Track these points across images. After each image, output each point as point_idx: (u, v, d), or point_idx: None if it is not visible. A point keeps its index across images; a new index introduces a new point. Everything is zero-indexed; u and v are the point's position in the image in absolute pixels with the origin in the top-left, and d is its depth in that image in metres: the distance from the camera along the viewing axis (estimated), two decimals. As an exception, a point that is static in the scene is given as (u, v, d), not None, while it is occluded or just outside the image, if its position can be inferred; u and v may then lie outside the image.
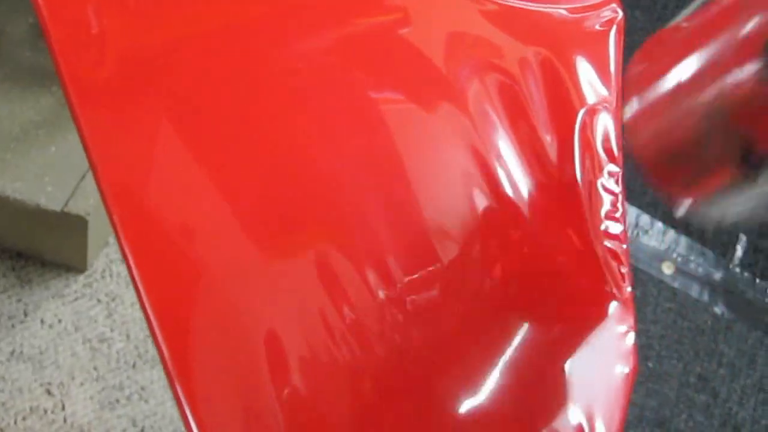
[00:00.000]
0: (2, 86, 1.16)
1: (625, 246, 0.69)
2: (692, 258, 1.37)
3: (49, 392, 1.14)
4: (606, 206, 0.70)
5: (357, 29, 0.67)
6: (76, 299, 1.19)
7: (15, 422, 1.12)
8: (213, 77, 0.61)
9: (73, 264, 1.20)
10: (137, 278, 0.54)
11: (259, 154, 0.61)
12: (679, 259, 1.37)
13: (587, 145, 0.69)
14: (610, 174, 0.70)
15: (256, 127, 0.61)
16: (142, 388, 1.15)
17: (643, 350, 1.30)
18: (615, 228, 0.69)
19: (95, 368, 1.15)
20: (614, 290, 0.68)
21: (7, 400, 1.12)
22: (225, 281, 0.58)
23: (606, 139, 0.70)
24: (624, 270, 0.68)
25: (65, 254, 1.19)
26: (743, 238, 1.40)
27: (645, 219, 1.37)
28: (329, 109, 0.64)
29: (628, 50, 0.69)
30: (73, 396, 1.14)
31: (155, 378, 1.16)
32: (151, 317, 0.54)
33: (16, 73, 1.18)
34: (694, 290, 1.36)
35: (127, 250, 0.54)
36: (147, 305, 0.54)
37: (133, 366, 1.16)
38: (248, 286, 0.59)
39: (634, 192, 1.37)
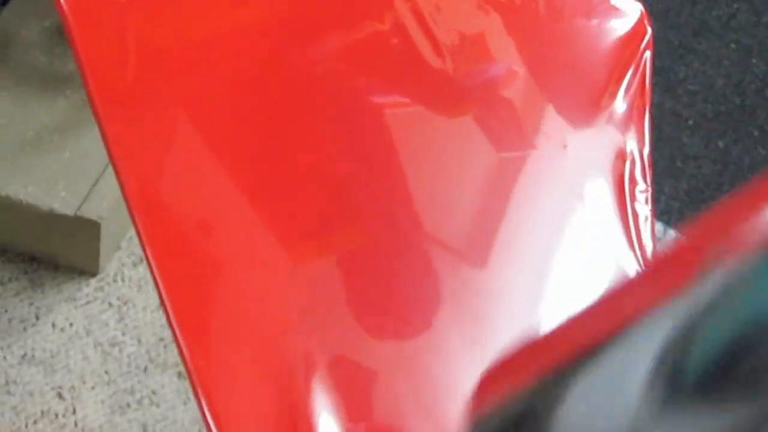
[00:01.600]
0: (16, 90, 1.17)
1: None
2: (705, 266, 1.36)
3: (60, 396, 1.14)
4: (638, 225, 0.69)
5: (364, 34, 0.68)
6: (87, 303, 1.19)
7: (26, 426, 1.12)
8: (230, 79, 0.61)
9: (85, 268, 1.20)
10: (156, 273, 0.54)
11: (273, 154, 0.61)
12: (693, 267, 1.36)
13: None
14: (641, 192, 0.69)
15: (270, 127, 0.62)
16: (153, 393, 1.15)
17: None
18: (646, 246, 0.68)
19: (106, 372, 1.15)
20: None
21: (18, 403, 1.12)
22: (244, 278, 0.59)
23: (632, 159, 0.70)
24: None
25: (78, 258, 1.19)
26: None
27: (658, 227, 1.37)
28: (338, 112, 0.65)
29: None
30: (84, 400, 1.14)
31: (166, 382, 1.15)
32: (170, 313, 0.54)
33: (30, 77, 1.18)
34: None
35: (146, 246, 0.54)
36: (166, 300, 0.54)
37: (144, 370, 1.16)
38: (266, 283, 0.59)
39: (647, 200, 1.36)
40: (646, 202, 0.69)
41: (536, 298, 0.67)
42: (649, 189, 0.70)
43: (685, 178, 1.38)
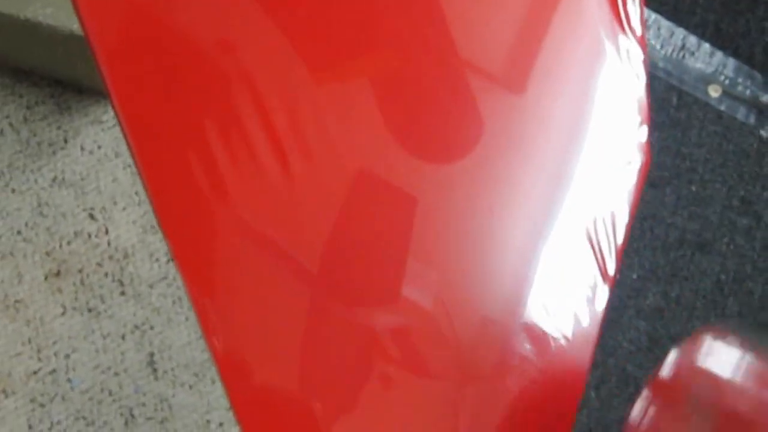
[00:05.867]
0: None
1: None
2: (740, 80, 1.33)
3: (92, 217, 1.16)
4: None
5: None
6: (115, 125, 1.19)
7: (60, 246, 1.14)
8: None
9: (110, 91, 1.20)
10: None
11: None
12: (727, 81, 1.33)
13: None
14: None
15: None
16: (183, 213, 1.17)
17: (687, 174, 1.28)
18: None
19: (137, 193, 1.17)
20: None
21: (51, 225, 1.15)
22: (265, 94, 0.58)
23: None
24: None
25: (101, 81, 1.18)
26: (794, 58, 1.35)
27: (692, 40, 1.33)
28: None
29: None
30: (116, 220, 1.16)
31: (196, 203, 1.17)
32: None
33: None
34: (741, 113, 1.32)
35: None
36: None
37: (174, 191, 1.18)
38: (292, 103, 0.58)
39: (680, 12, 1.32)
40: None
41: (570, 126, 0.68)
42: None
43: (722, -10, 1.33)
